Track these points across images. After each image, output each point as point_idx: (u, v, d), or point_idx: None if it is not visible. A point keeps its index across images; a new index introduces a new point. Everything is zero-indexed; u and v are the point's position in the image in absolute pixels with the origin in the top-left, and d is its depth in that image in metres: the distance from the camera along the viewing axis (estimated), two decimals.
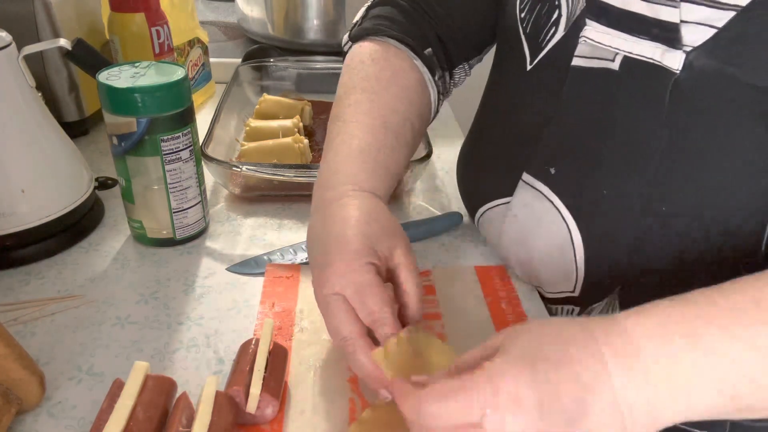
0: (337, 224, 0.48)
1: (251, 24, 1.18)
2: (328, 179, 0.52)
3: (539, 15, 0.54)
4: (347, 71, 0.59)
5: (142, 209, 0.62)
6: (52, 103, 0.81)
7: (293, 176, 0.68)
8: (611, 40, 0.47)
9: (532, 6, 0.54)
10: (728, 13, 0.41)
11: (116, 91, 0.56)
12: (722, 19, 0.41)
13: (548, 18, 0.53)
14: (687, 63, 0.43)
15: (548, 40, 0.53)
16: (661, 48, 0.44)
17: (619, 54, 0.47)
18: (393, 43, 0.59)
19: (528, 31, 0.55)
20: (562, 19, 0.51)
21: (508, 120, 0.59)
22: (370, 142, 0.53)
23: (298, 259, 0.63)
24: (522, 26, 0.55)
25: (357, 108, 0.55)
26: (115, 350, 0.51)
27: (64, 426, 0.45)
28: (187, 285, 0.59)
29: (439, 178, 0.81)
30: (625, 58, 0.47)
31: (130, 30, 0.80)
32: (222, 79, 1.03)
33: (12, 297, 0.56)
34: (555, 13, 0.52)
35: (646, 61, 0.45)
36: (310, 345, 0.52)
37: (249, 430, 0.44)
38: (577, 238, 0.52)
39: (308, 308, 0.56)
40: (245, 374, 0.44)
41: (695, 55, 0.43)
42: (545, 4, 0.53)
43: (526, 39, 0.55)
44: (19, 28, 0.67)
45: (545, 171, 0.53)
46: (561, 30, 0.52)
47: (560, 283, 0.55)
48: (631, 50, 0.46)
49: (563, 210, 0.52)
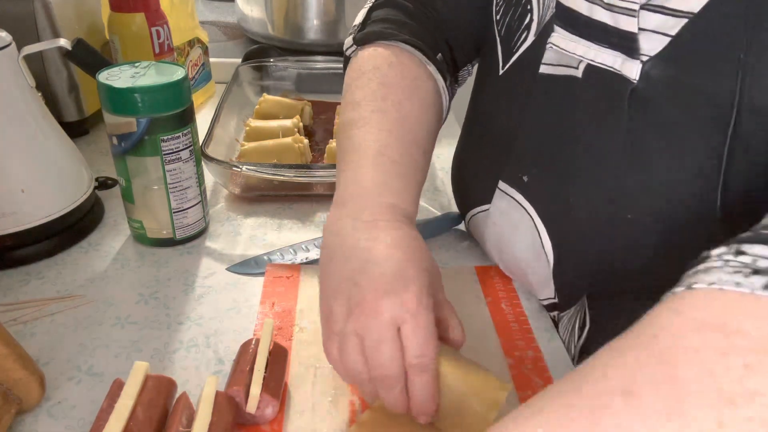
0: (392, 253, 0.42)
1: (251, 24, 1.18)
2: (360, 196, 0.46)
3: (512, 18, 0.53)
4: (360, 76, 0.55)
5: (142, 209, 0.62)
6: (52, 103, 0.81)
7: (293, 176, 0.68)
8: (575, 47, 0.47)
9: (506, 9, 0.54)
10: (681, 21, 0.40)
11: (116, 91, 0.56)
12: (675, 26, 0.41)
13: (521, 22, 0.52)
14: (644, 73, 0.43)
15: (519, 45, 0.53)
16: (621, 57, 0.44)
17: (583, 62, 0.46)
18: (406, 48, 0.55)
19: (502, 35, 0.54)
20: (533, 24, 0.51)
21: (486, 126, 0.59)
22: (407, 162, 0.49)
23: (298, 259, 0.63)
24: (497, 29, 0.55)
25: (384, 117, 0.51)
26: (115, 350, 0.51)
27: (64, 426, 0.45)
28: (187, 285, 0.59)
29: (439, 178, 0.81)
30: (588, 65, 0.46)
31: (130, 30, 0.80)
32: (222, 79, 1.03)
33: (12, 297, 0.56)
34: (527, 18, 0.51)
35: (607, 69, 0.45)
36: (310, 345, 0.52)
37: (249, 430, 0.44)
38: (548, 246, 0.52)
39: (308, 308, 0.56)
40: (245, 374, 0.44)
41: (651, 65, 0.43)
42: (518, 7, 0.52)
43: (500, 43, 0.55)
44: (19, 28, 0.67)
45: (519, 179, 0.53)
46: (531, 35, 0.51)
47: (543, 290, 0.55)
48: (594, 58, 0.46)
49: (536, 218, 0.52)
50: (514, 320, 0.55)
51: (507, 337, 0.53)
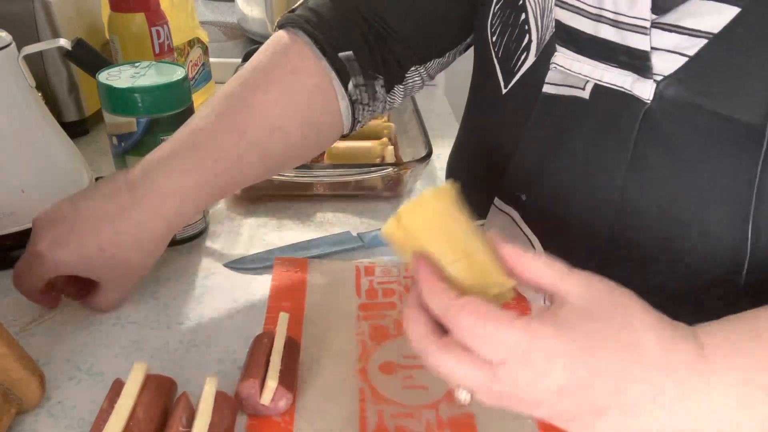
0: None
1: (251, 24, 1.18)
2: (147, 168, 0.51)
3: (510, 40, 0.52)
4: (251, 61, 0.56)
5: None
6: (52, 103, 0.81)
7: (293, 176, 0.68)
8: (581, 67, 0.45)
9: (502, 30, 0.52)
10: (700, 41, 0.39)
11: (116, 91, 0.56)
12: (693, 46, 0.39)
13: (519, 43, 0.51)
14: (657, 93, 0.41)
15: (520, 65, 0.51)
16: (632, 77, 0.43)
17: (590, 82, 0.45)
18: (303, 39, 0.54)
19: (500, 56, 0.53)
20: (533, 44, 0.50)
21: (482, 143, 0.58)
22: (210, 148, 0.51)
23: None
24: (494, 50, 0.54)
25: (226, 102, 0.53)
26: (115, 350, 0.51)
27: (64, 426, 0.45)
28: (187, 285, 0.59)
29: (439, 179, 0.81)
30: (596, 86, 0.45)
31: (130, 30, 0.80)
32: (222, 79, 1.02)
33: (12, 297, 0.56)
34: (525, 38, 0.50)
35: (617, 89, 0.43)
36: (319, 338, 0.52)
37: (260, 421, 0.45)
38: None
39: (317, 302, 0.56)
40: (261, 367, 0.45)
41: (665, 84, 0.41)
42: (515, 28, 0.51)
43: (499, 63, 0.53)
44: (19, 28, 0.67)
45: (516, 197, 0.52)
46: (532, 56, 0.50)
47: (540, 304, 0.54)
48: (601, 78, 0.44)
49: (533, 238, 0.51)
50: (518, 312, 0.55)
51: None
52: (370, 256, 0.64)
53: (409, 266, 0.37)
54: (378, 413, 0.46)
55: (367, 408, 0.46)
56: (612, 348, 0.32)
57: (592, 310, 0.33)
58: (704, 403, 0.33)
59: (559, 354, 0.32)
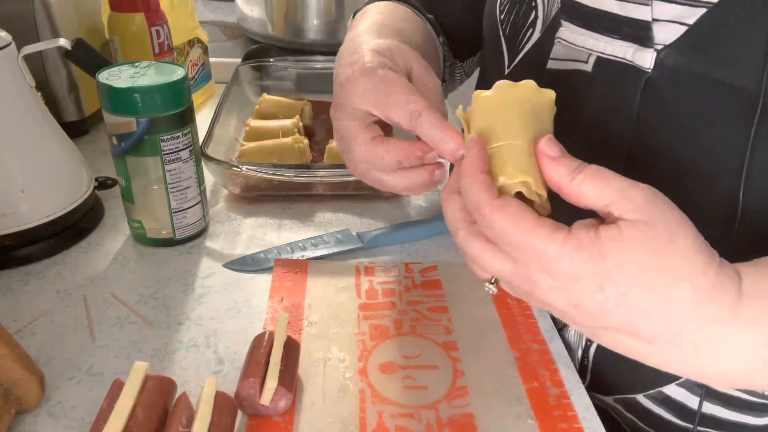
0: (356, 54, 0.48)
1: (251, 24, 1.18)
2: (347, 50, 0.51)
3: (517, 16, 0.53)
4: (362, 16, 0.60)
5: (142, 209, 0.62)
6: (52, 103, 0.81)
7: (293, 176, 0.68)
8: (584, 40, 0.47)
9: (510, 8, 0.54)
10: (699, 10, 0.40)
11: (116, 91, 0.56)
12: (693, 15, 0.40)
13: (525, 19, 0.52)
14: (658, 61, 0.43)
15: (525, 42, 0.53)
16: (633, 47, 0.44)
17: (593, 55, 0.46)
18: (407, 5, 0.63)
19: (507, 33, 0.55)
20: (539, 20, 0.51)
21: None
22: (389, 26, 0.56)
23: (296, 257, 0.63)
24: (502, 28, 0.55)
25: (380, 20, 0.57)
26: (115, 350, 0.51)
27: (63, 426, 0.45)
28: (187, 285, 0.59)
29: None
30: (598, 58, 0.46)
31: (130, 30, 0.80)
32: (222, 79, 1.03)
33: (12, 297, 0.56)
34: (532, 14, 0.52)
35: (618, 60, 0.45)
36: (319, 339, 0.52)
37: (260, 422, 0.45)
38: None
39: (317, 303, 0.56)
40: (260, 366, 0.45)
41: (666, 54, 0.42)
42: (522, 5, 0.52)
43: (505, 41, 0.55)
44: (19, 28, 0.67)
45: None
46: (537, 31, 0.51)
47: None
48: (604, 50, 0.46)
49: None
50: (519, 314, 0.56)
51: (513, 331, 0.54)
52: (370, 256, 0.64)
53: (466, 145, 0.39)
54: (378, 413, 0.46)
55: (367, 408, 0.46)
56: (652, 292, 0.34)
57: (637, 240, 0.34)
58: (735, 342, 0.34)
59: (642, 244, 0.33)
